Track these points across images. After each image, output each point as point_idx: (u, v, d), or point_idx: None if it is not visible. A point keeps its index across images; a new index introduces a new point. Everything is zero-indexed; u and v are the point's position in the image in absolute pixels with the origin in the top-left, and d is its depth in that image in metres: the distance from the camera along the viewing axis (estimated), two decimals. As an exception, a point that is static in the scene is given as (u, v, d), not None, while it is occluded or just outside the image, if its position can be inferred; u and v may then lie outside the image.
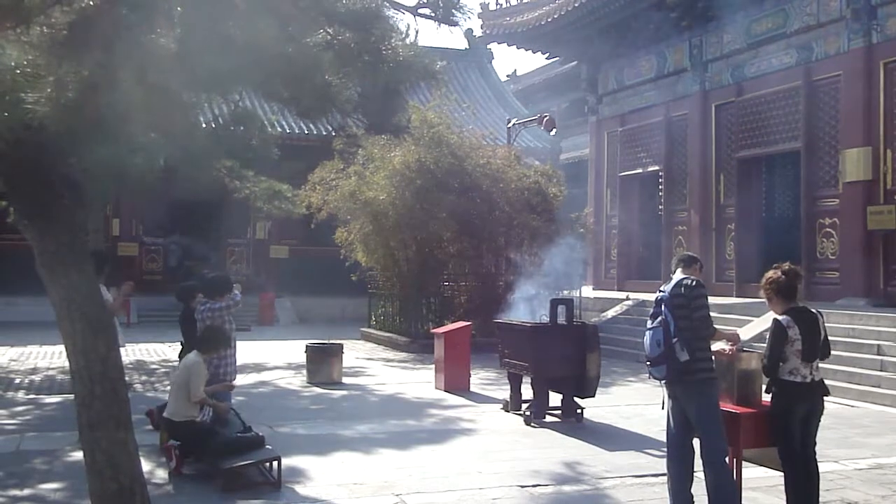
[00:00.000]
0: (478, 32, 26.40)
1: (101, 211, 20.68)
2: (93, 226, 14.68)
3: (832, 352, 5.69)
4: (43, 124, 3.91)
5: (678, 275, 5.51)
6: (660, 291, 5.51)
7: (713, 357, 5.51)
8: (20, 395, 10.90)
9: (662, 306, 5.37)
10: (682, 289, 5.37)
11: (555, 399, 9.44)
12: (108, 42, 3.83)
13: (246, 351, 15.74)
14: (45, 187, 4.70)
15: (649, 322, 5.51)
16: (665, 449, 5.76)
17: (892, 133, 14.81)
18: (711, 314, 5.59)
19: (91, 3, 3.86)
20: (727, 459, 5.41)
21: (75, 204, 4.84)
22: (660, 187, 20.57)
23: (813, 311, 5.49)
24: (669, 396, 5.54)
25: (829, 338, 5.54)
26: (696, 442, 5.47)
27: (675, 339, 5.26)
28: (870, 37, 15.15)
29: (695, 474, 5.56)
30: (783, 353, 5.29)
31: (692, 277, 5.46)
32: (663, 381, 5.50)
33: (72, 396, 5.14)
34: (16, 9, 3.70)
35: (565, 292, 15.08)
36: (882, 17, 15.02)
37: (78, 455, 5.98)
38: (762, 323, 5.91)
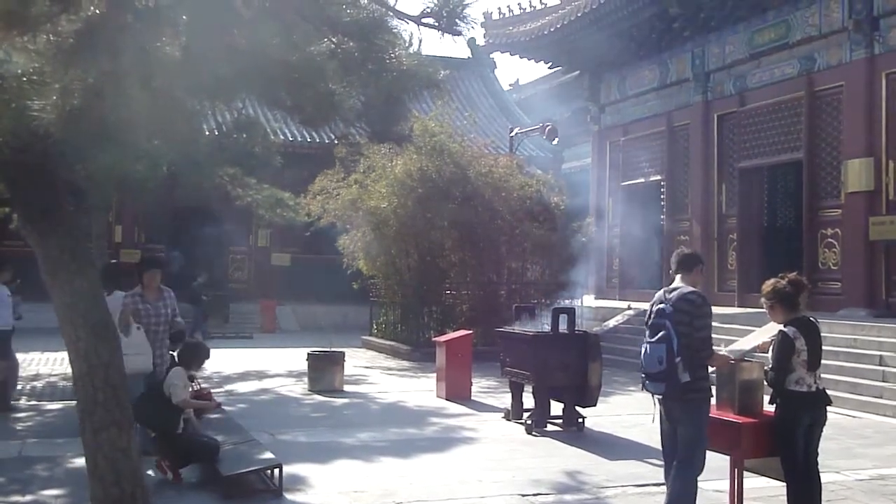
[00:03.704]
0: (480, 42, 26.48)
1: (103, 217, 20.67)
2: (95, 232, 14.67)
3: (834, 362, 5.68)
4: (48, 131, 3.94)
5: (678, 282, 5.41)
6: (660, 303, 5.37)
7: (709, 375, 5.46)
8: (22, 401, 10.90)
9: (666, 321, 5.23)
10: (686, 304, 5.26)
11: (556, 408, 9.43)
12: (113, 50, 3.86)
13: (248, 359, 15.76)
14: (49, 193, 4.73)
15: (648, 334, 5.37)
16: (666, 458, 5.74)
17: (894, 143, 14.80)
18: (713, 324, 5.56)
19: (97, 11, 3.89)
20: (698, 478, 5.35)
21: (78, 210, 4.87)
22: (661, 197, 20.58)
23: (812, 319, 5.49)
24: (665, 413, 5.51)
25: (832, 349, 5.55)
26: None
27: (678, 359, 5.16)
28: (872, 48, 15.17)
29: (696, 484, 5.54)
30: (790, 364, 5.28)
31: (696, 292, 5.34)
32: (658, 397, 5.47)
33: (73, 403, 5.14)
34: (22, 17, 3.72)
35: (567, 301, 15.10)
36: (884, 28, 15.04)
37: (79, 461, 5.98)
38: (763, 333, 5.89)
